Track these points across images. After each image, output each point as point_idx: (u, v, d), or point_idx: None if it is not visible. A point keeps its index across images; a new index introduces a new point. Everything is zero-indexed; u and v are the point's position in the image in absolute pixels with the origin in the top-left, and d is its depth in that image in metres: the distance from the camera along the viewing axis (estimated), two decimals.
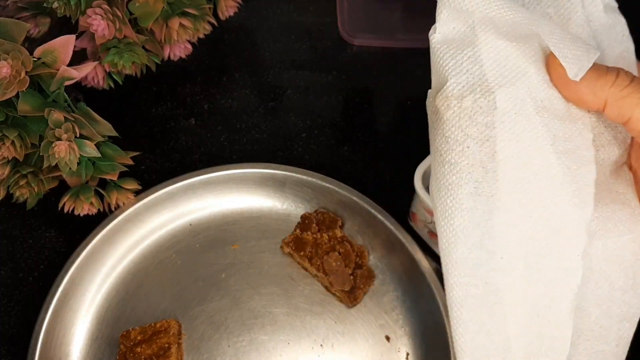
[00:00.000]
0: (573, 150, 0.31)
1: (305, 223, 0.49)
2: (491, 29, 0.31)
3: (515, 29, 0.31)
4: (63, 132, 0.42)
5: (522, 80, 0.30)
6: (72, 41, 0.43)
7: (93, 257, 0.48)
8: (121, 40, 0.46)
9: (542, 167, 0.30)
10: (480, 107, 0.30)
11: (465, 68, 0.31)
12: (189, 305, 0.48)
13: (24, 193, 0.46)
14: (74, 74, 0.43)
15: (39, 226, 0.51)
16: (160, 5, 0.47)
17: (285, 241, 0.49)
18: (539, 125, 0.30)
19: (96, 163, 0.47)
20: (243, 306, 0.48)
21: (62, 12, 0.44)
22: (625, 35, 0.36)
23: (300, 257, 0.48)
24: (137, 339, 0.45)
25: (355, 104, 0.55)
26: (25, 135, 0.44)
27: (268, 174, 0.50)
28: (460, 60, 0.31)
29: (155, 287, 0.49)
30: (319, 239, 0.49)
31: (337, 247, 0.48)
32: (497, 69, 0.31)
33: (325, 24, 0.57)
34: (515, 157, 0.30)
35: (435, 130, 0.33)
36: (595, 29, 0.36)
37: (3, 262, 0.50)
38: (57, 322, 0.46)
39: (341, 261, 0.48)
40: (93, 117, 0.46)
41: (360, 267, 0.48)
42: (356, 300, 0.47)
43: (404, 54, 0.56)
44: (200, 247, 0.50)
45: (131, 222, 0.49)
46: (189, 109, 0.54)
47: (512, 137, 0.30)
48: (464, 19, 0.31)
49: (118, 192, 0.48)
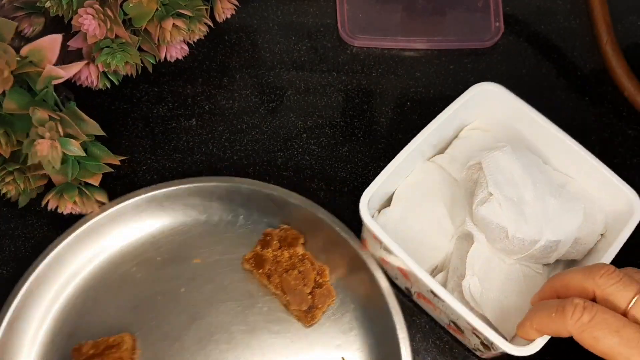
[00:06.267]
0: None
1: (267, 240, 0.48)
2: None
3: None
4: (46, 130, 0.43)
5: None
6: (58, 40, 0.43)
7: (53, 267, 0.47)
8: (114, 40, 0.46)
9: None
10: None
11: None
12: (146, 320, 0.47)
13: (10, 190, 0.47)
14: (60, 73, 0.43)
15: (41, 226, 0.51)
16: (154, 5, 0.47)
17: (246, 258, 0.48)
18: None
19: (82, 162, 0.47)
20: (200, 322, 0.47)
21: (54, 11, 0.45)
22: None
23: (260, 274, 0.48)
24: (90, 352, 0.45)
25: (355, 104, 0.55)
26: (11, 133, 0.44)
27: (233, 188, 0.49)
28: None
29: (113, 301, 0.48)
30: (280, 256, 0.48)
31: (297, 265, 0.48)
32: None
33: (325, 25, 0.57)
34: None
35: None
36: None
37: (5, 262, 0.50)
38: (12, 335, 0.45)
39: (300, 280, 0.47)
40: (80, 116, 0.46)
41: (320, 285, 0.47)
42: (314, 320, 0.47)
43: (404, 55, 0.56)
44: (162, 261, 0.49)
45: (94, 233, 0.48)
46: (190, 109, 0.55)
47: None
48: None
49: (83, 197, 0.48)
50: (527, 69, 0.56)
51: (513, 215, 0.41)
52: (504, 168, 0.42)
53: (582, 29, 0.57)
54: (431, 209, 0.46)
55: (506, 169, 0.42)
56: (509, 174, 0.42)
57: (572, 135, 0.53)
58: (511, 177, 0.42)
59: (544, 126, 0.46)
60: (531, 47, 0.57)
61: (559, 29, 0.57)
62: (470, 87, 0.46)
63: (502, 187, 0.42)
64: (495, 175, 0.42)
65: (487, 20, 0.57)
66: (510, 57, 0.56)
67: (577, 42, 0.57)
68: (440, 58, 0.56)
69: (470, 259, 0.43)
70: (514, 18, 0.57)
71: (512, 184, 0.42)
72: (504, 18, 0.57)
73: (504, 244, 0.42)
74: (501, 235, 0.41)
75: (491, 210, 0.41)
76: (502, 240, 0.42)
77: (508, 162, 0.42)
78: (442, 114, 0.45)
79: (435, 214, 0.46)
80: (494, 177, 0.42)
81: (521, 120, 0.47)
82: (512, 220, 0.41)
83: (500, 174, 0.42)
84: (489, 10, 0.57)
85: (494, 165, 0.42)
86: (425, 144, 0.46)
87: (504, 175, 0.42)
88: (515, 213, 0.41)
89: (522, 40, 0.57)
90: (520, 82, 0.55)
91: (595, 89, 0.55)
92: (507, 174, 0.42)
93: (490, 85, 0.46)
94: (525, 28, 0.57)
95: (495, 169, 0.42)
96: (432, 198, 0.46)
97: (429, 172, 0.48)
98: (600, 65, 0.55)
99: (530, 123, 0.46)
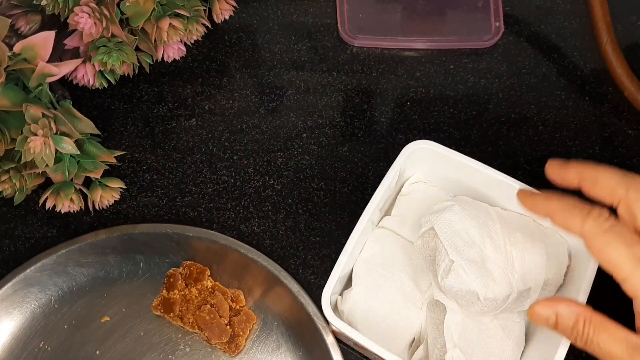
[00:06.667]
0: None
1: (171, 282, 0.47)
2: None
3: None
4: (39, 127, 0.43)
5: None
6: (51, 37, 0.43)
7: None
8: (110, 39, 0.46)
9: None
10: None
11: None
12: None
13: (5, 188, 0.47)
14: (53, 71, 0.43)
15: (41, 226, 0.51)
16: (151, 5, 0.47)
17: (154, 305, 0.47)
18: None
19: (80, 161, 0.47)
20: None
21: (50, 9, 0.45)
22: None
23: (172, 318, 0.47)
24: None
25: (355, 104, 0.55)
26: (5, 131, 0.44)
27: (126, 237, 0.48)
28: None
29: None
30: (188, 294, 0.47)
31: (208, 299, 0.47)
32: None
33: (326, 25, 0.57)
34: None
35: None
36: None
37: (5, 262, 0.50)
38: None
39: (214, 313, 0.46)
40: (74, 115, 0.46)
41: (238, 312, 0.47)
42: (238, 349, 0.46)
43: (404, 55, 0.56)
44: (69, 328, 0.47)
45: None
46: (190, 109, 0.55)
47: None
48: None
49: (103, 190, 0.49)
50: (527, 68, 0.56)
51: (480, 277, 0.40)
52: (458, 229, 0.41)
53: (582, 28, 0.57)
54: (394, 280, 0.45)
55: (461, 230, 0.41)
56: (465, 234, 0.41)
57: (572, 134, 0.54)
58: (467, 237, 0.41)
59: (480, 171, 0.45)
60: (531, 47, 0.57)
61: (559, 29, 0.57)
62: (407, 146, 0.46)
63: (462, 250, 0.41)
64: (452, 239, 0.41)
65: (487, 20, 0.57)
66: (510, 56, 0.56)
67: (577, 41, 0.57)
68: (440, 58, 0.56)
69: (448, 330, 0.42)
70: (514, 18, 0.57)
71: (471, 244, 0.41)
72: (504, 18, 0.57)
73: (477, 307, 0.41)
74: (473, 300, 0.40)
75: (457, 279, 0.40)
76: (475, 303, 0.41)
77: (460, 221, 0.41)
78: (384, 183, 0.45)
79: (400, 285, 0.45)
80: (451, 241, 0.41)
81: (458, 169, 0.46)
82: (481, 282, 0.40)
83: (457, 237, 0.41)
84: (489, 10, 0.57)
85: (448, 228, 0.41)
86: (373, 214, 0.45)
87: (460, 236, 0.41)
88: (481, 274, 0.40)
89: (522, 40, 0.57)
90: (520, 82, 0.55)
91: (596, 89, 0.55)
92: (462, 234, 0.41)
93: (422, 144, 0.45)
94: (525, 28, 0.57)
95: (450, 232, 0.41)
96: (392, 269, 0.45)
97: (382, 240, 0.46)
98: (601, 65, 0.55)
99: (467, 171, 0.45)
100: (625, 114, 0.54)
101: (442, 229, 0.41)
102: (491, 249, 0.41)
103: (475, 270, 0.40)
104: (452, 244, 0.41)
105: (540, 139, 0.54)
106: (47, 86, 0.44)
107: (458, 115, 0.54)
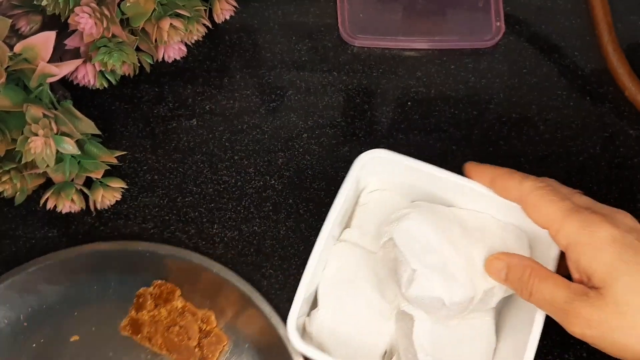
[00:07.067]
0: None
1: (140, 302, 0.47)
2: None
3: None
4: (40, 127, 0.42)
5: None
6: (52, 38, 0.43)
7: None
8: (111, 39, 0.46)
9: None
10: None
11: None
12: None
13: (6, 188, 0.46)
14: (54, 71, 0.43)
15: (42, 227, 0.51)
16: (151, 5, 0.47)
17: (122, 325, 0.47)
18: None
19: (81, 161, 0.47)
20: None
21: (51, 10, 0.45)
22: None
23: (140, 339, 0.46)
24: None
25: (356, 104, 0.55)
26: (6, 131, 0.44)
27: (98, 254, 0.47)
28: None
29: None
30: (157, 315, 0.46)
31: (177, 320, 0.46)
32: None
33: (326, 25, 0.57)
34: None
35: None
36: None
37: (5, 262, 0.50)
38: None
39: (183, 335, 0.46)
40: (75, 115, 0.46)
41: (208, 334, 0.46)
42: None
43: (405, 55, 0.56)
44: (38, 347, 0.47)
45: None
46: (190, 109, 0.55)
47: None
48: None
49: (104, 190, 0.49)
50: (528, 68, 0.56)
51: (444, 283, 0.40)
52: (417, 236, 0.41)
53: (583, 28, 0.57)
54: (360, 294, 0.44)
55: (420, 237, 0.41)
56: (424, 241, 0.41)
57: (573, 134, 0.54)
58: (427, 243, 0.41)
59: (434, 174, 0.44)
60: (532, 46, 0.56)
61: (560, 29, 0.57)
62: (360, 156, 0.45)
63: (423, 258, 0.40)
64: (412, 247, 0.41)
65: (488, 19, 0.57)
66: (511, 56, 0.56)
67: (578, 41, 0.57)
68: (441, 58, 0.56)
69: (417, 339, 0.41)
70: (514, 18, 0.57)
71: (431, 250, 0.41)
72: (505, 18, 0.57)
73: (444, 311, 0.41)
74: (439, 305, 0.40)
75: (421, 287, 0.40)
76: (441, 309, 0.40)
77: (418, 228, 0.41)
78: (340, 196, 0.43)
79: (366, 298, 0.44)
80: (411, 250, 0.41)
81: (413, 174, 0.45)
82: (445, 287, 0.40)
83: (416, 244, 0.41)
84: (489, 9, 0.57)
85: (407, 237, 0.41)
86: (333, 229, 0.44)
87: (420, 243, 0.41)
88: (445, 279, 0.40)
89: (523, 40, 0.57)
90: (521, 82, 0.55)
91: (596, 89, 0.55)
92: (422, 241, 0.41)
93: (375, 153, 0.45)
94: (526, 28, 0.57)
95: (409, 241, 0.41)
96: (357, 282, 0.45)
97: (345, 254, 0.45)
98: (601, 65, 0.55)
99: (422, 175, 0.45)
100: (626, 114, 0.54)
101: (400, 238, 0.41)
102: (452, 252, 0.41)
103: (438, 276, 0.40)
104: (412, 252, 0.41)
105: (541, 138, 0.54)
106: (47, 86, 0.44)
107: (459, 115, 0.54)
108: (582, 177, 0.52)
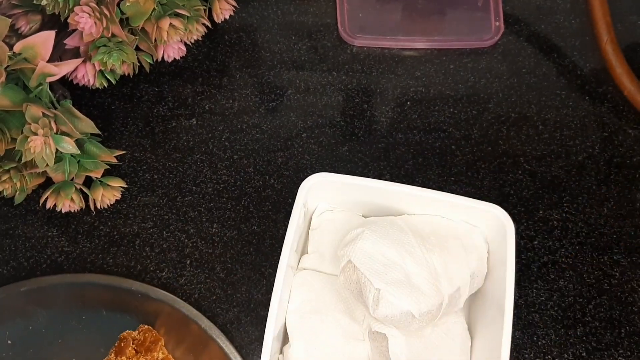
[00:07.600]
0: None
1: (121, 346, 0.45)
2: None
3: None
4: (40, 127, 0.43)
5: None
6: (52, 37, 0.43)
7: None
8: (111, 39, 0.46)
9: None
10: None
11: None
12: None
13: (6, 188, 0.47)
14: (54, 70, 0.43)
15: (42, 226, 0.51)
16: (151, 5, 0.47)
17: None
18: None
19: (80, 160, 0.47)
20: None
21: (50, 9, 0.45)
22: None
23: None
24: None
25: (355, 104, 0.55)
26: (6, 130, 0.44)
27: (90, 285, 0.46)
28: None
29: None
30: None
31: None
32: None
33: (326, 24, 0.57)
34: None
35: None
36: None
37: (6, 262, 0.50)
38: None
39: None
40: (74, 114, 0.46)
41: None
42: None
43: (404, 55, 0.56)
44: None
45: None
46: (190, 109, 0.55)
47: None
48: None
49: (104, 189, 0.49)
50: (527, 68, 0.56)
51: (410, 296, 0.40)
52: (375, 255, 0.41)
53: (582, 28, 0.57)
54: (330, 321, 0.44)
55: (377, 255, 0.41)
56: (382, 258, 0.41)
57: (572, 134, 0.54)
58: (386, 260, 0.41)
59: (378, 187, 0.44)
60: (531, 46, 0.57)
61: (559, 28, 0.57)
62: (303, 183, 0.45)
63: (384, 276, 0.40)
64: (371, 267, 0.41)
65: (487, 19, 0.57)
66: (510, 56, 0.56)
67: (577, 41, 0.57)
68: (440, 57, 0.56)
69: (394, 355, 0.41)
70: (514, 17, 0.57)
71: (391, 265, 0.41)
72: (504, 17, 0.57)
73: (415, 324, 0.40)
74: (409, 319, 0.40)
75: (388, 305, 0.40)
76: (412, 322, 0.40)
77: (374, 246, 0.41)
78: (291, 224, 0.43)
79: (337, 324, 0.44)
80: (372, 269, 0.40)
81: (358, 191, 0.45)
82: (412, 300, 0.40)
83: (375, 263, 0.41)
84: (489, 9, 0.57)
85: (365, 257, 0.41)
86: (290, 259, 0.43)
87: (379, 262, 0.41)
88: (410, 292, 0.40)
89: (522, 40, 0.57)
90: (520, 82, 0.55)
91: (595, 88, 0.55)
92: (380, 259, 0.41)
93: (317, 177, 0.44)
94: (525, 27, 0.57)
95: (368, 260, 0.41)
96: (324, 310, 0.44)
97: (307, 283, 0.45)
98: (601, 65, 0.55)
99: (366, 190, 0.45)
100: (625, 114, 0.54)
101: (359, 260, 0.41)
102: (412, 263, 0.41)
103: (403, 290, 0.40)
104: (373, 271, 0.40)
105: (540, 138, 0.54)
106: (47, 86, 0.44)
107: (458, 115, 0.54)
108: (581, 177, 0.53)
